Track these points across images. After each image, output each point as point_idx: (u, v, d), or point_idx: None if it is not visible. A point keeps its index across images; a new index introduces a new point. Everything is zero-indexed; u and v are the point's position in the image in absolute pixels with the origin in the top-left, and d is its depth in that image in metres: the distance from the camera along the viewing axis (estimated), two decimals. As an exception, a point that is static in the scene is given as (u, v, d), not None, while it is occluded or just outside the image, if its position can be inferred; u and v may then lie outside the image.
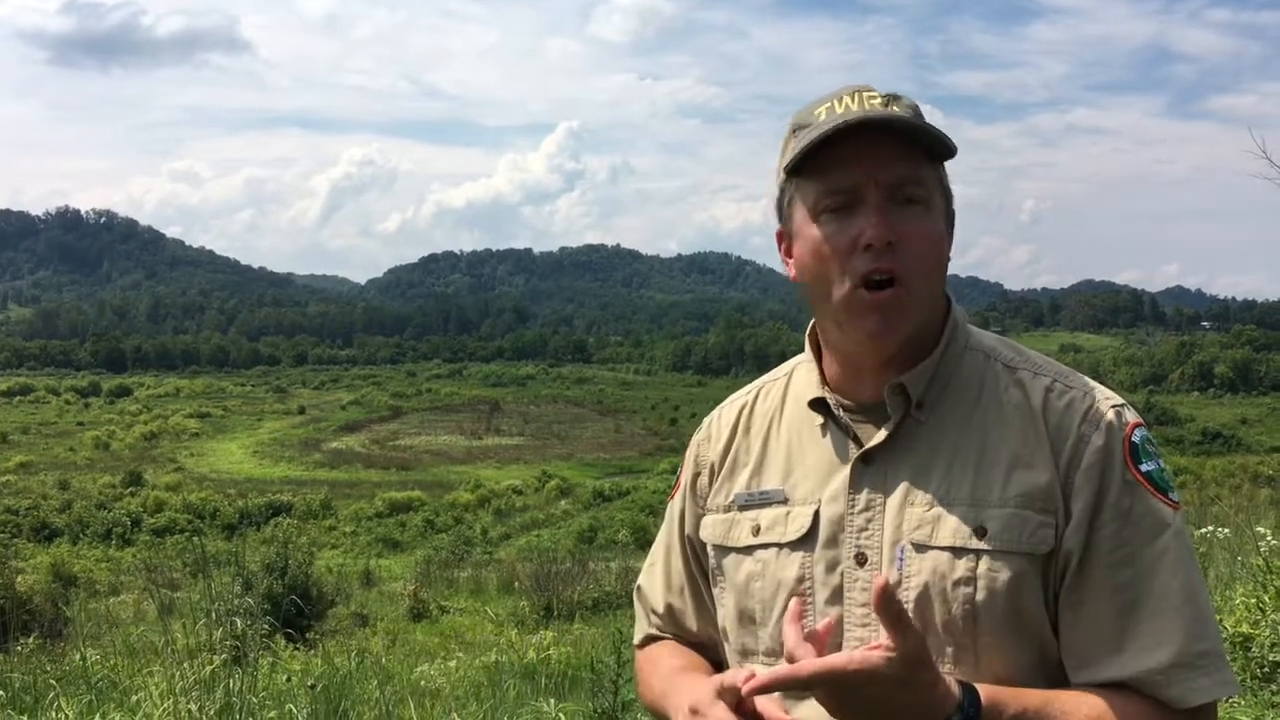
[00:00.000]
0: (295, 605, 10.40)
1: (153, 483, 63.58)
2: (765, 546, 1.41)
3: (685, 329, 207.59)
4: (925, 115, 1.37)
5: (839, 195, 1.33)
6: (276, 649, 7.61)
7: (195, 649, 4.60)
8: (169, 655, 4.64)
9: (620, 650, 4.63)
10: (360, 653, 8.10)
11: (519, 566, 19.02)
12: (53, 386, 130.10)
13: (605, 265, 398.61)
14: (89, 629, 8.50)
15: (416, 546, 39.51)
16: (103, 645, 6.58)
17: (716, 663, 1.53)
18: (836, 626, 1.34)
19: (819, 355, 1.46)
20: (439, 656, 9.14)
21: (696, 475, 1.56)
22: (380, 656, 8.15)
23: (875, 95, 1.33)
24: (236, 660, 4.72)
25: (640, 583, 1.66)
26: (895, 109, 1.32)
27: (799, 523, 1.39)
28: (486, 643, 10.12)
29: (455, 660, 8.23)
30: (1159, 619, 1.26)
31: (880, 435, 1.37)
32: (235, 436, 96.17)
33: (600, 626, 10.94)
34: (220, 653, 4.63)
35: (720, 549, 1.48)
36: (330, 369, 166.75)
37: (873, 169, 1.31)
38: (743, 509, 1.46)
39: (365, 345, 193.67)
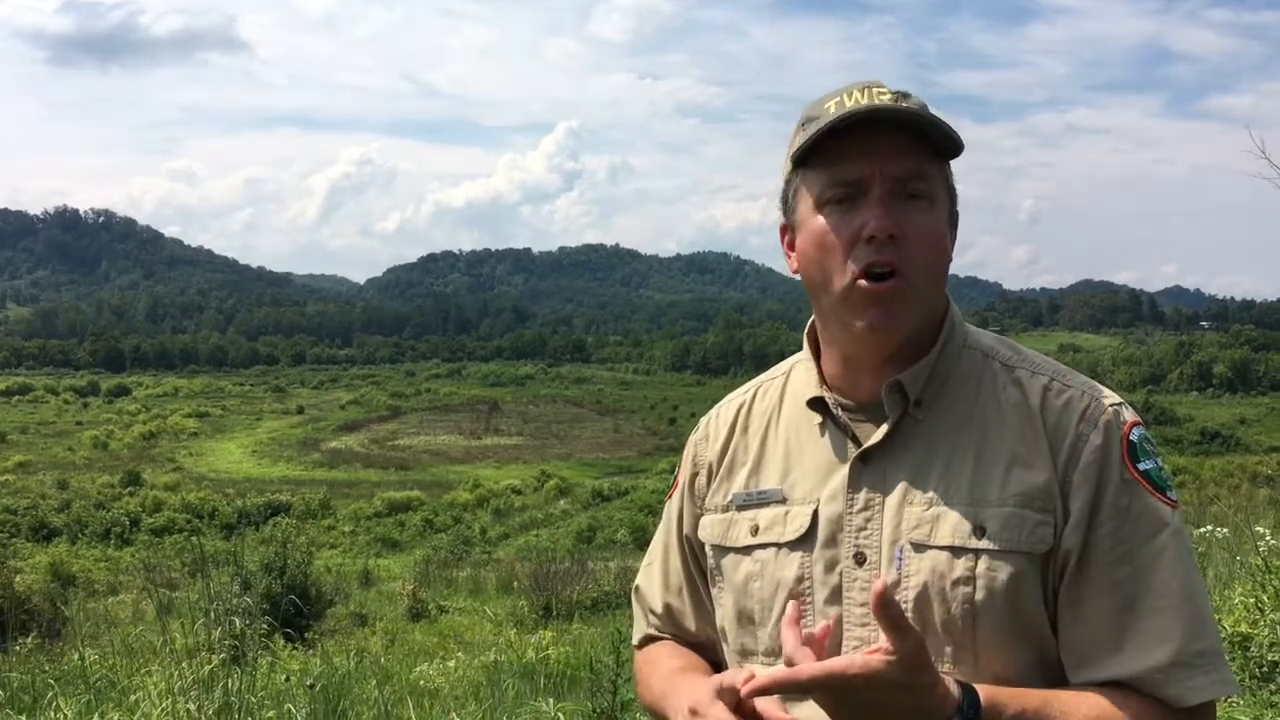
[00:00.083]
0: (294, 605, 10.39)
1: (151, 482, 63.62)
2: (764, 546, 1.41)
3: (684, 329, 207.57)
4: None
5: (844, 187, 1.33)
6: (275, 649, 7.60)
7: (194, 649, 4.59)
8: (167, 655, 4.64)
9: (619, 650, 4.62)
10: (359, 652, 8.10)
11: (518, 566, 18.99)
12: (51, 386, 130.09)
13: (604, 265, 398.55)
14: (87, 629, 8.49)
15: (415, 546, 39.55)
16: (101, 645, 6.57)
17: (715, 663, 1.53)
18: (836, 627, 1.33)
19: (817, 354, 1.46)
20: (438, 656, 9.13)
21: (694, 475, 1.56)
22: (379, 656, 8.15)
23: (885, 91, 1.33)
24: (235, 660, 4.71)
25: (638, 583, 1.66)
26: (905, 105, 1.32)
27: (798, 522, 1.39)
28: (485, 642, 10.10)
29: (454, 660, 8.21)
30: (1157, 617, 1.26)
31: (879, 434, 1.36)
32: (234, 436, 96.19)
33: (599, 626, 10.93)
34: (219, 652, 4.63)
35: (719, 549, 1.48)
36: (329, 369, 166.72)
37: (878, 162, 1.31)
38: (741, 509, 1.46)
39: (364, 345, 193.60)
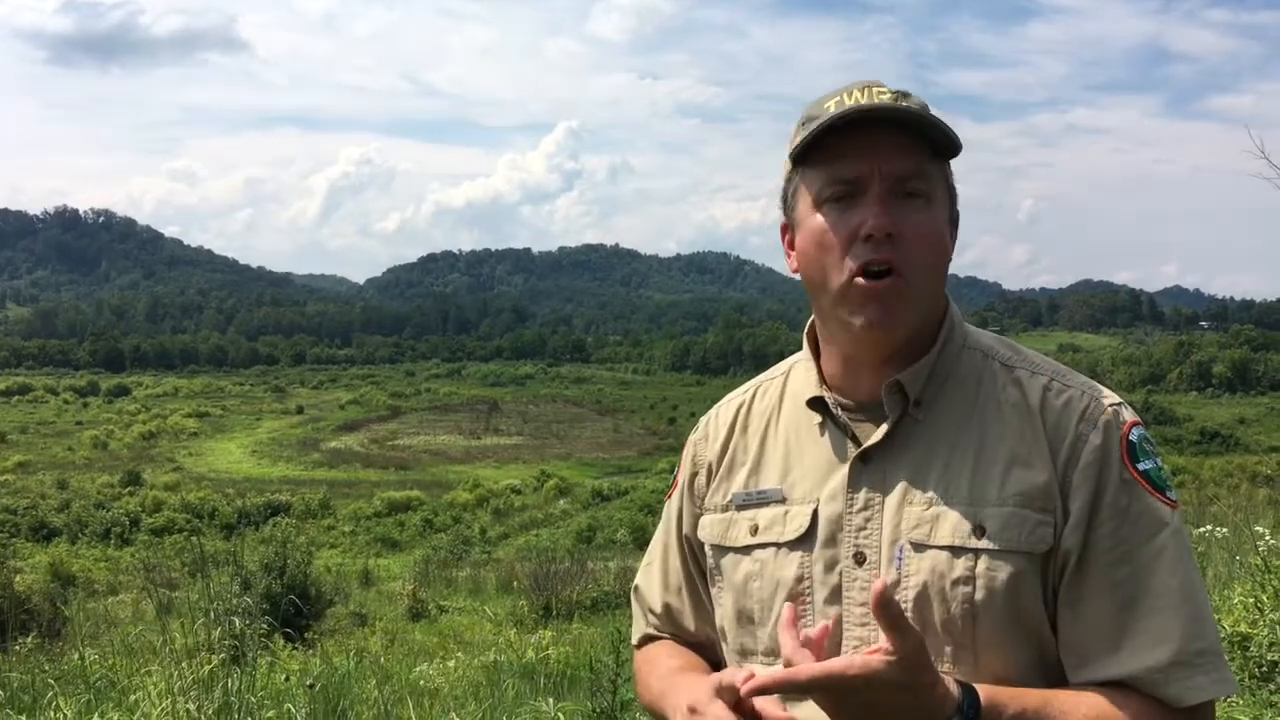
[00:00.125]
0: (294, 605, 10.38)
1: (151, 482, 63.60)
2: (764, 546, 1.41)
3: (684, 329, 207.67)
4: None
5: (842, 185, 1.33)
6: (275, 648, 7.60)
7: (193, 649, 4.59)
8: (167, 655, 4.63)
9: (619, 650, 4.62)
10: (359, 652, 8.10)
11: (517, 566, 18.98)
12: (51, 386, 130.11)
13: (604, 265, 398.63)
14: (87, 628, 8.50)
15: (415, 546, 39.50)
16: (101, 645, 6.57)
17: (715, 663, 1.53)
18: (836, 626, 1.33)
19: (817, 354, 1.46)
20: (437, 656, 9.12)
21: (694, 475, 1.56)
22: (379, 656, 8.15)
23: (885, 90, 1.33)
24: (235, 660, 4.71)
25: (637, 582, 1.66)
26: (904, 104, 1.32)
27: (797, 522, 1.39)
28: (485, 642, 10.10)
29: (454, 660, 8.20)
30: (1157, 617, 1.26)
31: (878, 434, 1.36)
32: (234, 436, 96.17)
33: (599, 626, 10.93)
34: (218, 652, 4.63)
35: (718, 549, 1.48)
36: (329, 368, 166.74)
37: (876, 160, 1.31)
38: (740, 508, 1.46)
39: (364, 345, 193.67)
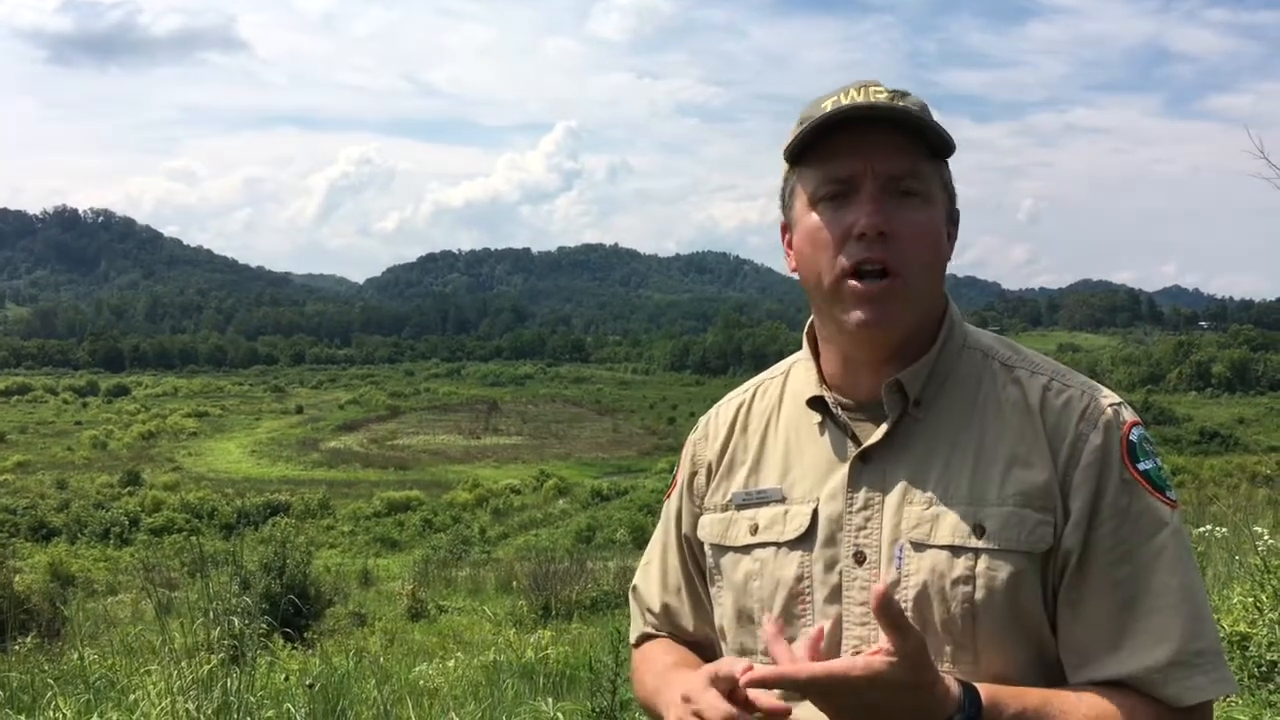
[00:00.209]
0: (293, 605, 10.37)
1: (150, 482, 63.58)
2: (763, 545, 1.41)
3: (683, 328, 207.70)
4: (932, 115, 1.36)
5: (836, 184, 1.33)
6: (274, 648, 7.59)
7: (193, 648, 4.58)
8: (167, 655, 4.63)
9: (618, 650, 4.63)
10: (358, 652, 8.09)
11: (517, 566, 18.97)
12: (50, 386, 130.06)
13: (603, 265, 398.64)
14: (87, 628, 8.48)
15: (414, 546, 39.46)
16: (100, 645, 6.56)
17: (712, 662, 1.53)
18: (835, 626, 1.34)
19: (817, 353, 1.46)
20: (437, 656, 9.12)
21: (693, 474, 1.56)
22: (378, 656, 8.14)
23: (882, 90, 1.34)
24: (234, 660, 4.71)
25: (636, 582, 1.66)
26: (901, 104, 1.32)
27: (797, 521, 1.39)
28: (484, 642, 10.09)
29: (453, 660, 8.19)
30: (1157, 616, 1.26)
31: (878, 433, 1.37)
32: (233, 436, 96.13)
33: (598, 626, 10.92)
34: (218, 652, 4.62)
35: (718, 548, 1.48)
36: (328, 368, 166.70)
37: (870, 159, 1.32)
38: (740, 508, 1.46)
39: (363, 345, 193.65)
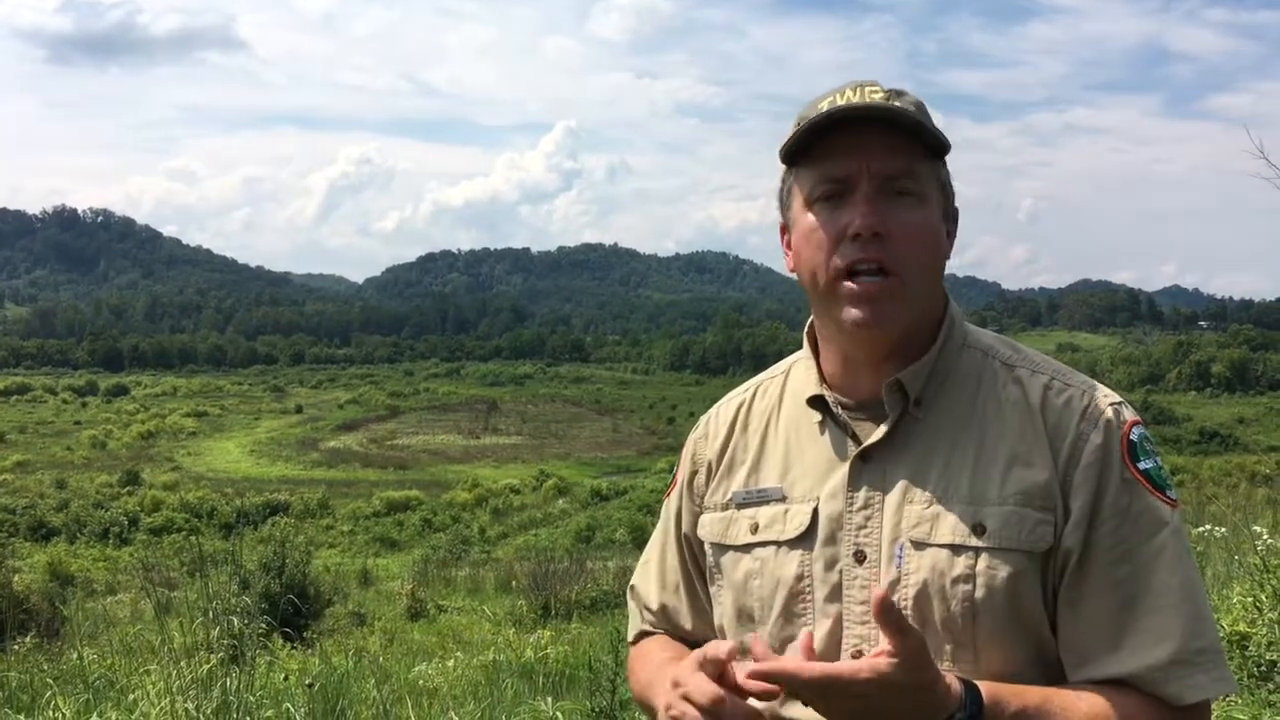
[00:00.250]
0: (292, 604, 10.37)
1: (150, 482, 63.59)
2: (764, 544, 1.41)
3: (683, 328, 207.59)
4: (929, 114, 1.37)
5: (832, 184, 1.34)
6: (274, 648, 7.60)
7: (192, 648, 4.58)
8: (166, 654, 4.63)
9: (618, 649, 4.63)
10: (357, 652, 8.09)
11: (516, 566, 18.96)
12: (50, 385, 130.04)
13: (603, 264, 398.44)
14: (86, 628, 8.48)
15: (414, 546, 39.46)
16: (100, 644, 6.55)
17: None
18: (835, 625, 1.34)
19: (817, 353, 1.46)
20: (436, 656, 9.11)
21: (694, 473, 1.56)
22: (378, 656, 8.14)
23: (878, 89, 1.34)
24: (234, 659, 4.70)
25: (634, 582, 1.66)
26: (897, 104, 1.32)
27: (797, 520, 1.39)
28: (484, 642, 10.09)
29: (453, 659, 8.19)
30: (1157, 616, 1.26)
31: (878, 433, 1.37)
32: (232, 435, 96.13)
33: (598, 625, 10.92)
34: (217, 652, 4.62)
35: (718, 547, 1.48)
36: (328, 368, 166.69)
37: (865, 159, 1.32)
38: (740, 507, 1.46)
39: (363, 344, 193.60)
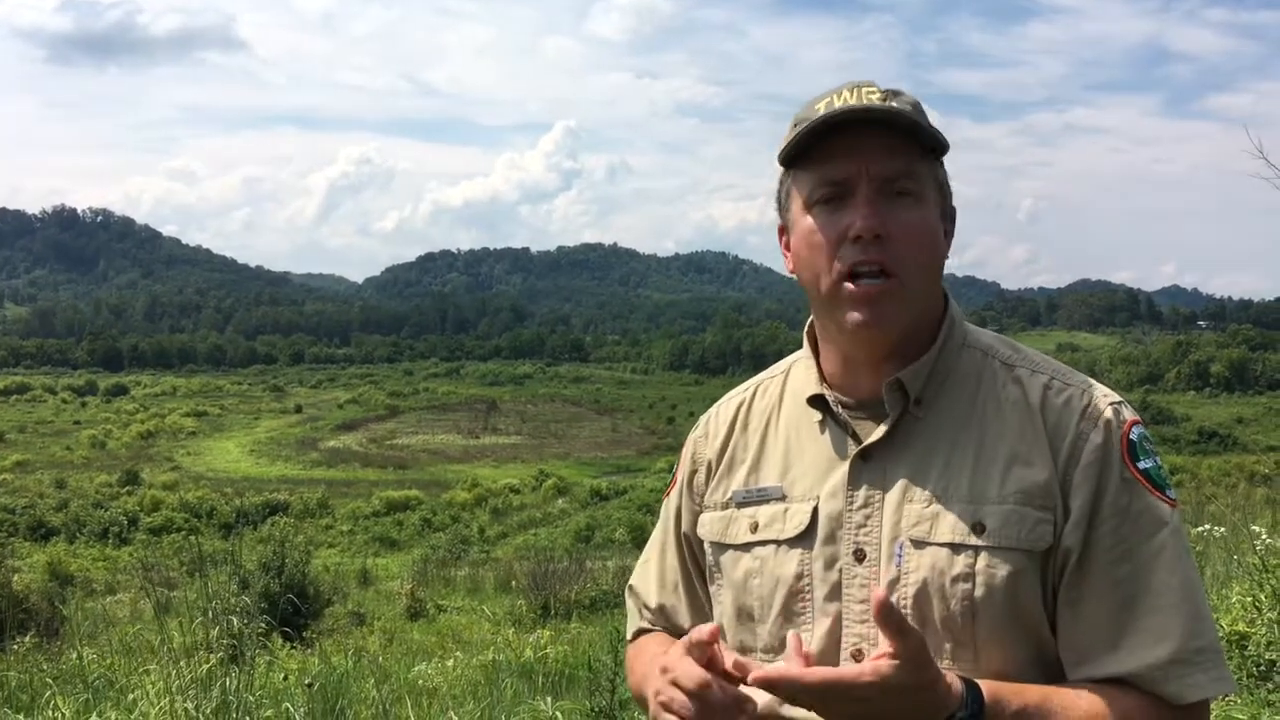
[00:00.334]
0: (292, 604, 10.38)
1: (149, 481, 63.59)
2: (764, 543, 1.42)
3: (682, 328, 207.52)
4: (925, 113, 1.37)
5: (831, 186, 1.34)
6: (273, 648, 7.60)
7: (192, 648, 4.58)
8: (165, 654, 4.63)
9: (617, 649, 4.63)
10: (357, 651, 8.10)
11: (516, 565, 18.96)
12: (49, 385, 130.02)
13: (602, 264, 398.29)
14: (85, 628, 8.48)
15: (413, 545, 39.46)
16: (99, 644, 6.56)
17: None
18: (835, 624, 1.34)
19: (817, 352, 1.46)
20: (436, 655, 9.11)
21: (693, 472, 1.56)
22: (377, 655, 8.14)
23: (875, 90, 1.34)
24: (233, 659, 4.70)
25: (633, 581, 1.66)
26: (894, 104, 1.33)
27: (797, 519, 1.39)
28: (483, 641, 10.09)
29: (452, 659, 8.19)
30: (1157, 615, 1.26)
31: (879, 432, 1.37)
32: (232, 435, 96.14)
33: (597, 625, 10.92)
34: (217, 651, 4.62)
35: (718, 546, 1.48)
36: (327, 368, 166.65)
37: (865, 161, 1.32)
38: (740, 506, 1.46)
39: (362, 344, 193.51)
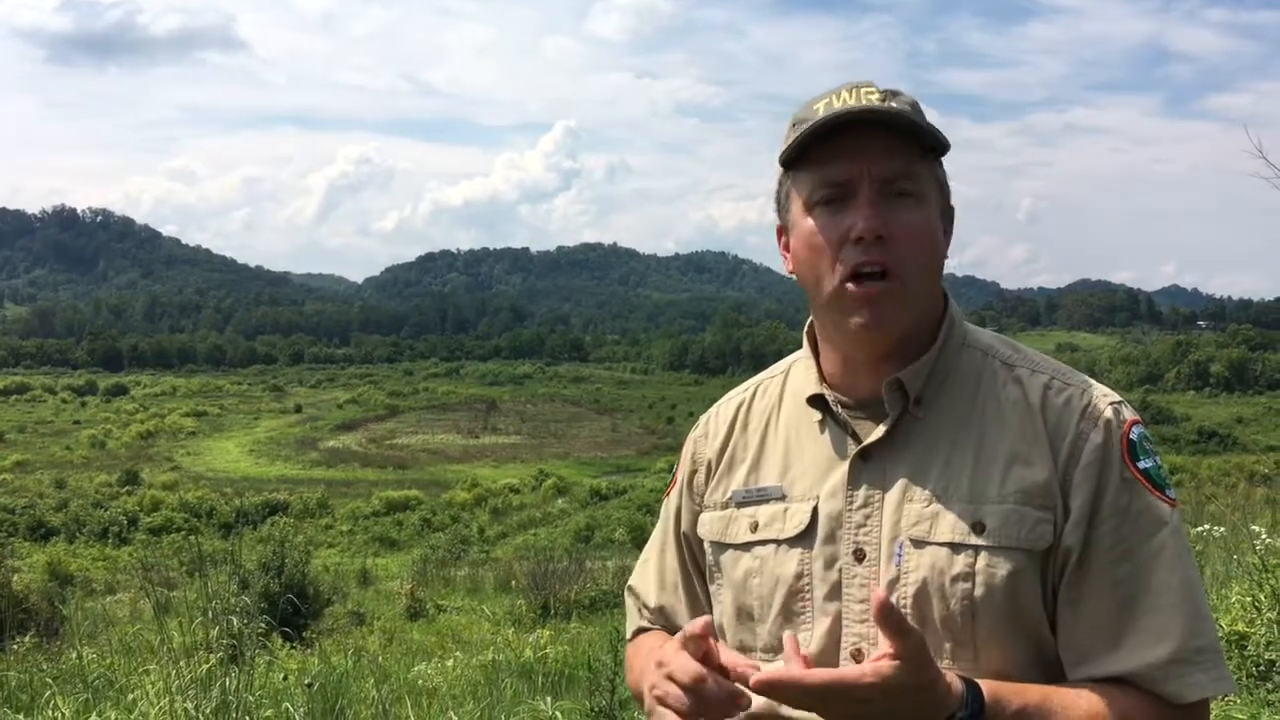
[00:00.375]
0: (292, 604, 10.38)
1: (149, 481, 63.63)
2: (764, 543, 1.41)
3: (682, 328, 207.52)
4: (924, 113, 1.37)
5: (832, 188, 1.34)
6: (273, 648, 7.60)
7: (191, 648, 4.59)
8: (165, 654, 4.63)
9: (617, 649, 4.63)
10: (357, 651, 8.10)
11: (516, 565, 18.96)
12: (49, 385, 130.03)
13: (602, 264, 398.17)
14: (85, 628, 8.49)
15: (413, 545, 39.47)
16: (99, 644, 6.56)
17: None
18: (835, 623, 1.34)
19: (817, 352, 1.46)
20: (436, 655, 9.12)
21: (693, 472, 1.56)
22: (377, 655, 8.14)
23: (874, 91, 1.34)
24: (233, 659, 4.70)
25: (632, 580, 1.66)
26: (893, 104, 1.33)
27: (797, 519, 1.39)
28: (483, 641, 10.09)
29: (452, 659, 8.19)
30: (1157, 615, 1.26)
31: (878, 431, 1.37)
32: (232, 435, 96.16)
33: (597, 625, 10.93)
34: (216, 651, 4.62)
35: (718, 546, 1.48)
36: (327, 368, 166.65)
37: (866, 162, 1.32)
38: (740, 505, 1.46)
39: (362, 344, 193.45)
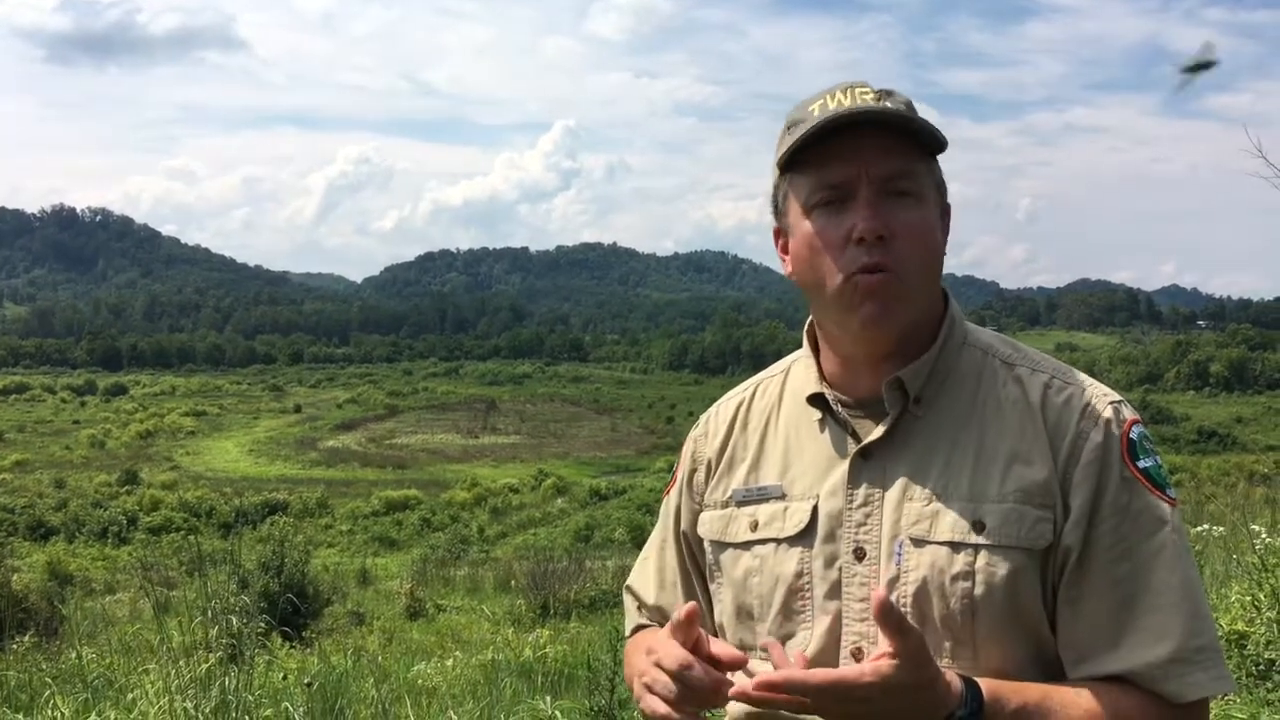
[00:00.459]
0: (291, 604, 10.39)
1: (148, 481, 63.69)
2: (763, 542, 1.42)
3: (681, 327, 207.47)
4: (919, 112, 1.37)
5: (831, 190, 1.34)
6: (272, 647, 7.61)
7: (191, 647, 4.59)
8: (164, 653, 4.64)
9: (616, 649, 4.64)
10: (356, 651, 8.10)
11: (515, 565, 18.97)
12: (48, 385, 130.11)
13: (602, 264, 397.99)
14: (85, 627, 8.49)
15: (413, 545, 39.50)
16: (98, 643, 6.57)
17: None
18: (835, 622, 1.34)
19: (817, 351, 1.47)
20: (435, 655, 9.12)
21: (693, 471, 1.56)
22: (376, 655, 8.15)
23: (868, 91, 1.34)
24: (232, 658, 4.70)
25: (631, 579, 1.66)
26: (888, 104, 1.32)
27: (797, 518, 1.40)
28: (483, 641, 10.10)
29: (452, 659, 8.19)
30: (1157, 614, 1.26)
31: (878, 431, 1.37)
32: (231, 435, 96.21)
33: (596, 625, 10.93)
34: (216, 651, 4.62)
35: (718, 545, 1.48)
36: (326, 367, 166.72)
37: (864, 163, 1.32)
38: (740, 504, 1.46)
39: (361, 344, 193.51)
